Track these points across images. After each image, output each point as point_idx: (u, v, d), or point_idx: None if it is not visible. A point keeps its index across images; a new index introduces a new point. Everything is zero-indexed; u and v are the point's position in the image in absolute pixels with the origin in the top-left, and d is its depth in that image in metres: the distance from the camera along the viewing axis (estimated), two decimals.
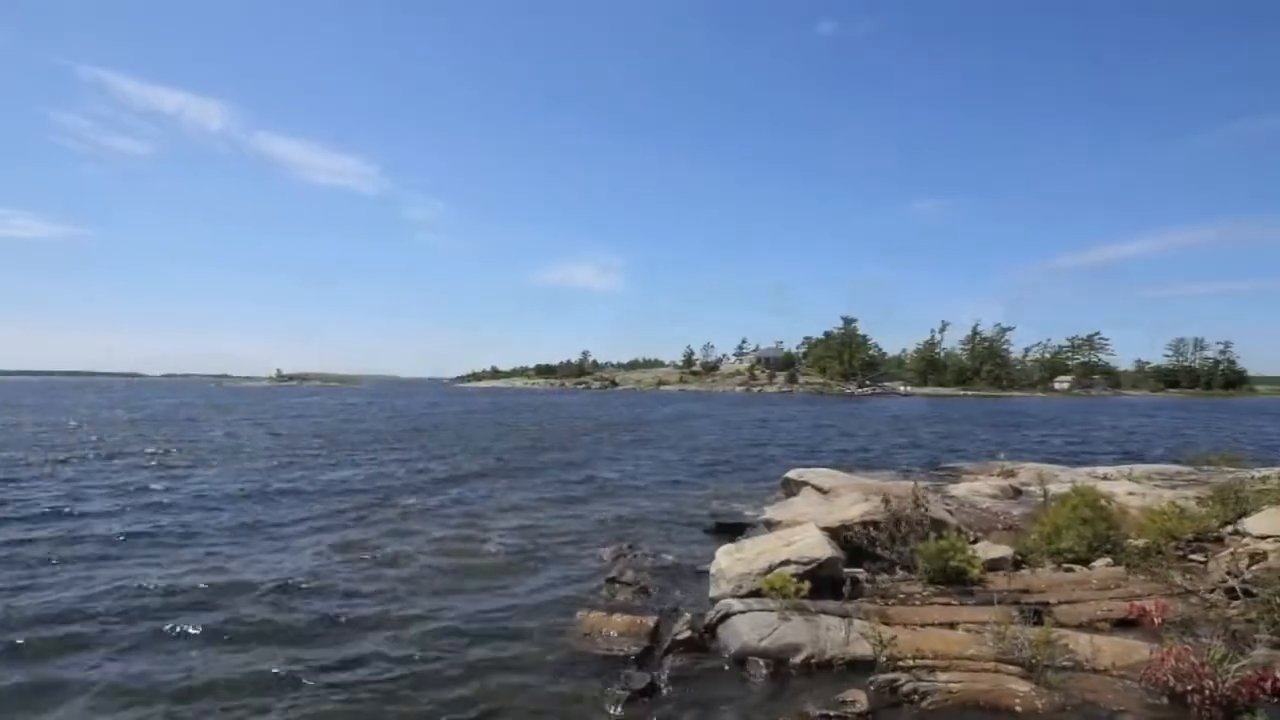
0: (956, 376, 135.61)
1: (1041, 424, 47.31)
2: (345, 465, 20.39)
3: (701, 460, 23.58)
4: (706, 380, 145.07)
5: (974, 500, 13.18)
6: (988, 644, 6.23)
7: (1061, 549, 9.24)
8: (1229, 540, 10.03)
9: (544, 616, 7.72)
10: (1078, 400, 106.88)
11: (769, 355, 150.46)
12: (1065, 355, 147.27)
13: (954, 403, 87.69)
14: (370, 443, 27.56)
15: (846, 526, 8.81)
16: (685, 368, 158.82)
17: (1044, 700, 5.39)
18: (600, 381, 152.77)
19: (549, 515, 13.35)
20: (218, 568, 9.48)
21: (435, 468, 20.06)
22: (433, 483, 17.18)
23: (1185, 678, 5.17)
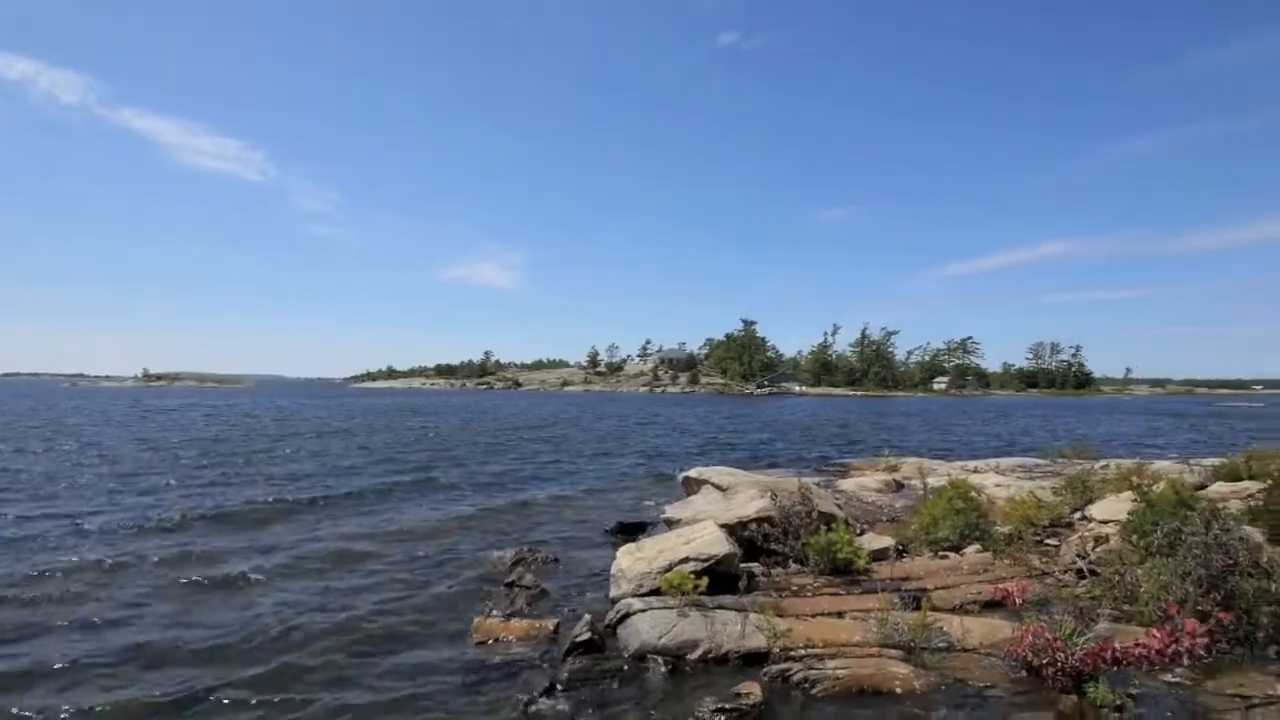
0: (847, 377, 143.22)
1: (922, 421, 50.70)
2: (203, 480, 18.91)
3: (606, 461, 23.62)
4: (611, 380, 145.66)
5: (861, 495, 13.94)
6: (872, 630, 6.58)
7: (938, 538, 9.92)
8: (1078, 525, 11.12)
9: (438, 626, 7.45)
10: (953, 399, 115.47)
11: (672, 356, 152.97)
12: (943, 358, 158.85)
13: (844, 402, 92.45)
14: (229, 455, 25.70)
15: (744, 523, 9.06)
16: (590, 368, 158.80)
17: (921, 680, 5.75)
18: (503, 382, 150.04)
19: (445, 522, 12.93)
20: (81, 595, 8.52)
21: (314, 475, 18.97)
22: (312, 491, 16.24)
23: (1041, 652, 5.66)
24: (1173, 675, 5.76)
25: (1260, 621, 6.38)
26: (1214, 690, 5.51)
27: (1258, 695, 5.38)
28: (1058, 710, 5.26)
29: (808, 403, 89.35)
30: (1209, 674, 5.79)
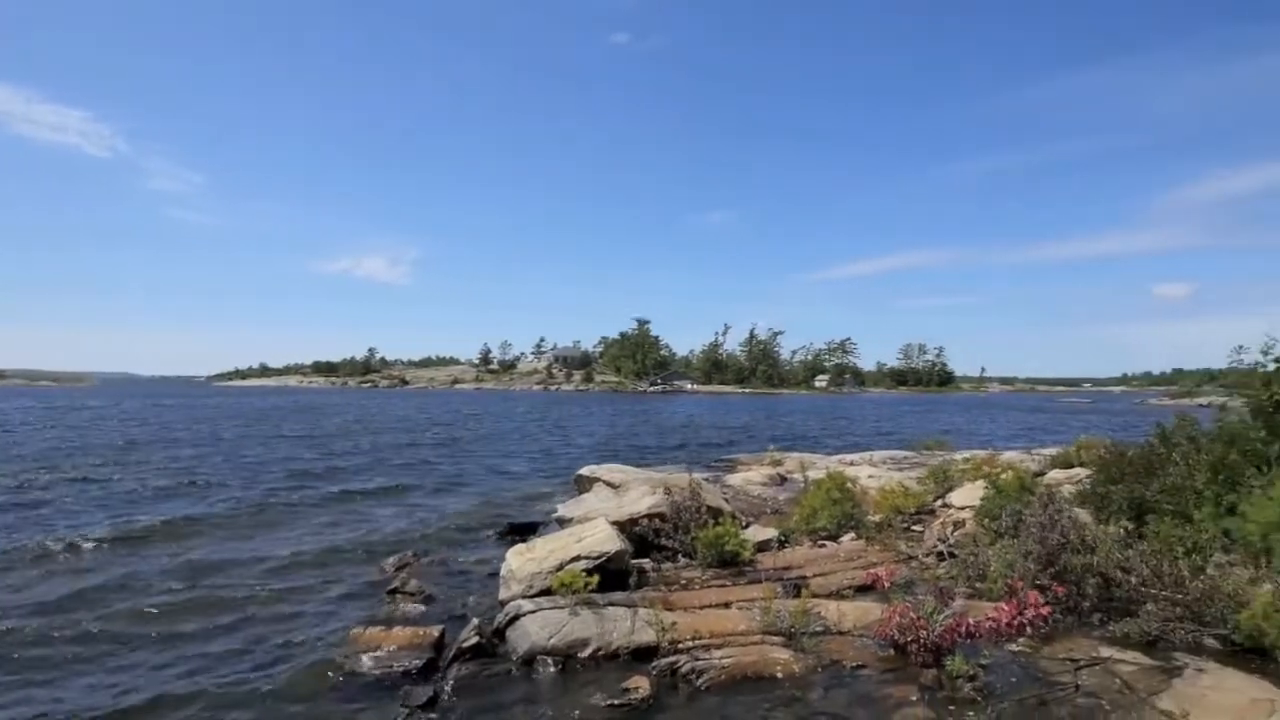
0: (736, 375, 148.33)
1: (805, 417, 53.39)
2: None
3: (497, 461, 23.15)
4: (504, 379, 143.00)
5: (747, 489, 14.48)
6: (756, 619, 6.84)
7: (817, 528, 10.47)
8: (940, 512, 12.08)
9: (312, 640, 7.02)
10: (833, 396, 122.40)
11: (566, 354, 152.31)
12: (824, 357, 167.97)
13: (733, 399, 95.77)
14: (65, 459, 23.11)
15: (635, 520, 9.16)
16: (482, 366, 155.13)
17: (800, 664, 6.04)
18: (389, 380, 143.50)
19: (323, 529, 12.21)
20: None
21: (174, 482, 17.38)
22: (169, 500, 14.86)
23: (906, 630, 6.09)
24: (1017, 644, 6.37)
25: (1087, 592, 7.18)
26: (1050, 655, 6.15)
27: (1084, 657, 6.06)
28: (920, 684, 5.68)
29: (699, 400, 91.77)
30: (1046, 641, 6.46)
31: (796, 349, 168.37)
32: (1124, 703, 5.25)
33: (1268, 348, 9.61)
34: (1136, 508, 8.99)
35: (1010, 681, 5.68)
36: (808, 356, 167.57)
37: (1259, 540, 7.43)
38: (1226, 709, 4.98)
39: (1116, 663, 5.92)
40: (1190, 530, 7.97)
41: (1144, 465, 9.66)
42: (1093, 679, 5.66)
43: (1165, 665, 5.87)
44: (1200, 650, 6.18)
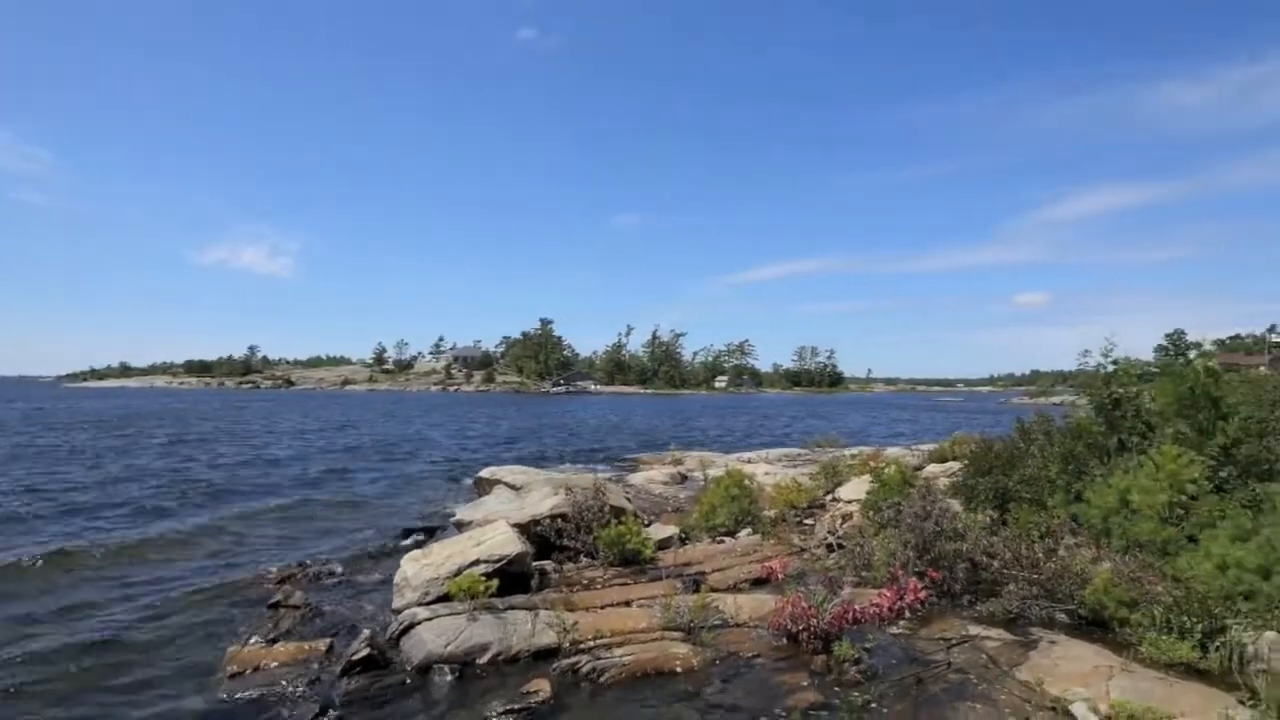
0: (639, 376, 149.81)
1: (706, 417, 54.65)
2: None
3: (391, 464, 22.21)
4: (400, 379, 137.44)
5: (649, 487, 14.65)
6: (657, 616, 6.93)
7: (716, 524, 10.75)
8: (830, 506, 12.71)
9: (183, 662, 6.46)
10: (732, 396, 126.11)
11: (467, 354, 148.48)
12: (723, 359, 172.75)
13: (636, 400, 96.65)
14: None
15: (536, 521, 9.06)
16: (376, 365, 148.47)
17: (699, 658, 6.17)
18: (273, 380, 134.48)
19: (196, 537, 11.27)
20: None
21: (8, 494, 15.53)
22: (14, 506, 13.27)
23: (798, 620, 6.37)
24: (898, 627, 6.82)
25: (958, 576, 7.77)
26: (926, 636, 6.62)
27: (956, 636, 6.56)
28: (810, 669, 5.95)
29: (602, 400, 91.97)
30: (924, 623, 6.94)
31: (698, 350, 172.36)
32: (989, 675, 5.72)
33: (1107, 351, 10.78)
34: (1000, 497, 9.81)
35: (891, 662, 6.06)
36: (708, 358, 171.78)
37: (1100, 523, 8.31)
38: (1073, 676, 5.53)
39: (983, 640, 6.45)
40: (1045, 516, 8.80)
41: (1007, 458, 10.57)
42: (963, 655, 6.13)
43: (1024, 640, 6.45)
44: (1053, 624, 6.84)
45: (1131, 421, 9.76)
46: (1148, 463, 8.33)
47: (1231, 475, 8.06)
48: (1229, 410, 8.81)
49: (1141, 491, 8.04)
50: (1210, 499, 7.69)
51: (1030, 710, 5.09)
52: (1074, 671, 5.61)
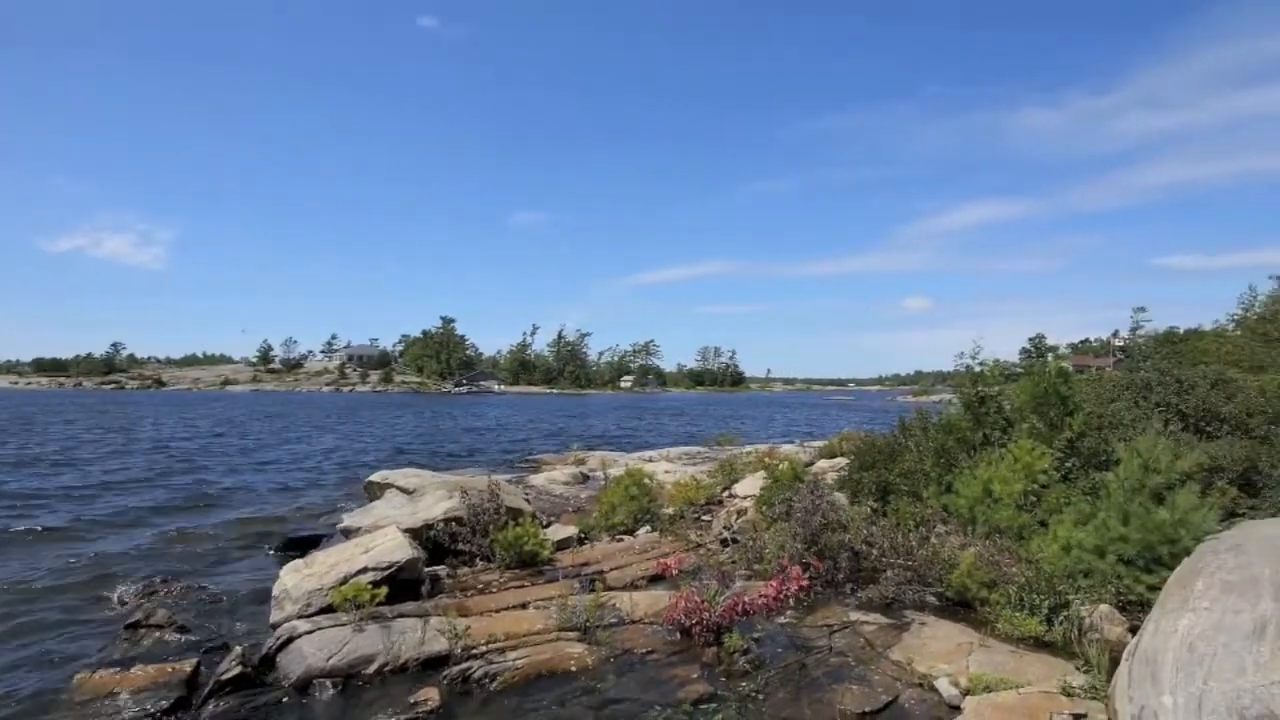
0: (544, 376, 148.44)
1: (611, 417, 54.86)
2: None
3: (275, 469, 20.87)
4: (288, 379, 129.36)
5: (550, 488, 14.55)
6: (553, 617, 6.89)
7: (615, 523, 10.82)
8: (726, 502, 13.07)
9: (26, 699, 5.80)
10: (637, 395, 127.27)
11: (362, 353, 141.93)
12: (629, 359, 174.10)
13: (541, 400, 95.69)
14: None
15: (430, 525, 8.78)
16: (261, 365, 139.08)
17: (594, 656, 6.19)
18: (140, 380, 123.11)
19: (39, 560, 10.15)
20: None
21: None
22: None
23: (691, 614, 6.52)
24: (785, 617, 7.10)
25: (842, 565, 8.20)
26: (811, 624, 6.94)
27: (837, 622, 6.92)
28: (701, 662, 6.11)
29: (506, 401, 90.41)
30: (810, 611, 7.27)
31: (603, 350, 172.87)
32: (866, 657, 6.08)
33: (975, 353, 11.72)
34: (882, 490, 10.44)
35: (777, 651, 6.31)
36: (614, 358, 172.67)
37: (967, 512, 9.00)
38: (939, 653, 5.97)
39: (862, 624, 6.84)
40: (920, 507, 9.44)
41: (888, 453, 11.26)
42: (843, 640, 6.48)
43: (898, 622, 6.89)
44: (924, 607, 7.34)
45: (994, 418, 10.62)
46: (1007, 455, 9.10)
47: (1075, 465, 8.93)
48: (1075, 407, 9.77)
49: (1002, 482, 8.78)
50: (1058, 487, 8.51)
51: (900, 688, 5.45)
52: (940, 649, 6.06)
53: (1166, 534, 6.75)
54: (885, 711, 5.14)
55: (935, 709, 5.12)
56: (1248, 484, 8.51)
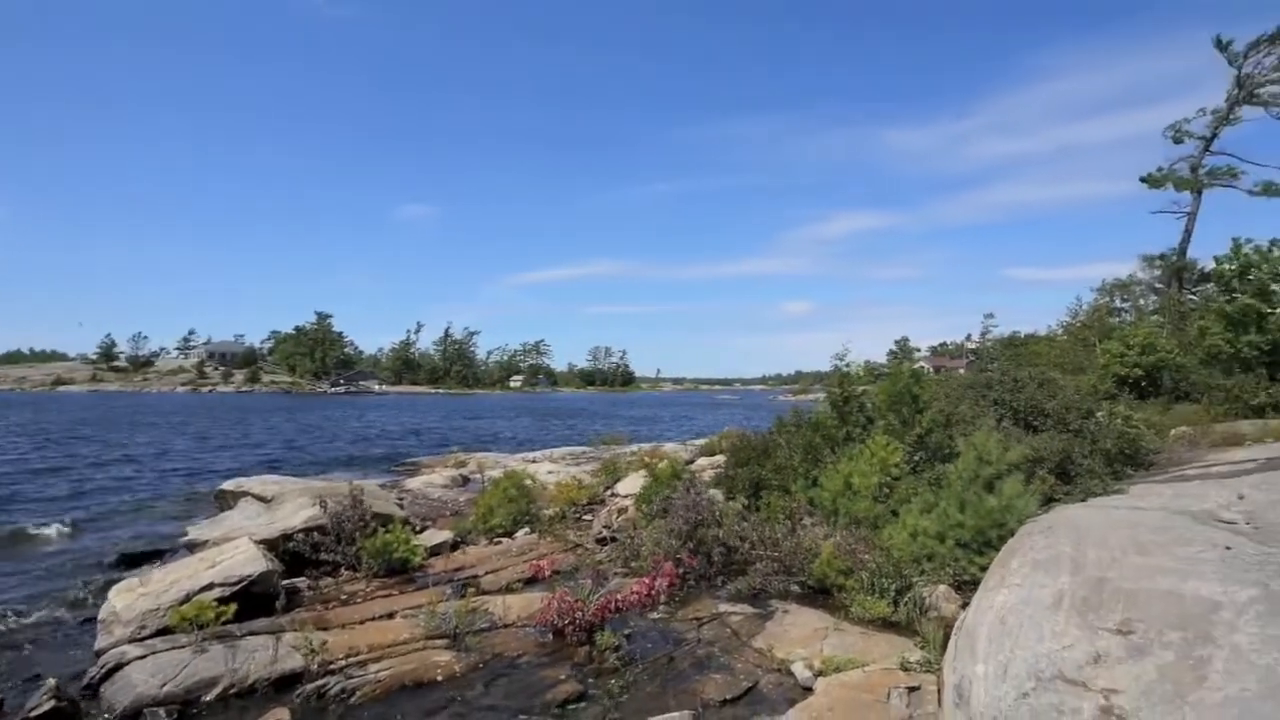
0: (430, 375, 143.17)
1: (498, 417, 53.74)
2: None
3: (111, 479, 18.79)
4: (135, 379, 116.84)
5: (427, 491, 14.05)
6: (421, 625, 6.66)
7: (493, 526, 10.61)
8: (609, 501, 13.17)
9: None
10: (527, 395, 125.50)
11: (225, 350, 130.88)
12: (519, 358, 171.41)
13: (426, 400, 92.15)
14: None
15: (288, 535, 8.23)
16: (103, 362, 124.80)
17: (462, 663, 6.04)
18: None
19: None
20: None
21: None
22: None
23: (564, 614, 6.51)
24: (658, 612, 7.25)
25: (715, 559, 8.48)
26: (682, 618, 7.12)
27: (707, 614, 7.15)
28: (573, 662, 6.11)
29: (388, 401, 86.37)
30: (683, 605, 7.46)
31: (492, 349, 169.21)
32: (731, 647, 6.32)
33: (842, 355, 12.48)
34: (755, 485, 10.89)
35: (648, 646, 6.43)
36: (503, 357, 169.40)
37: (831, 504, 9.57)
38: (798, 639, 6.31)
39: (730, 615, 7.10)
40: (789, 500, 9.93)
41: (761, 450, 11.76)
42: (711, 632, 6.70)
43: (764, 612, 7.21)
44: (788, 596, 7.73)
45: (857, 416, 11.37)
46: (866, 450, 9.76)
47: (923, 459, 9.73)
48: (924, 405, 10.64)
49: (860, 475, 9.40)
50: (908, 479, 9.22)
51: (760, 674, 5.71)
52: (799, 635, 6.40)
53: (995, 519, 7.49)
54: (745, 697, 5.37)
55: (790, 691, 5.41)
56: (1063, 473, 9.59)
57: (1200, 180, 29.34)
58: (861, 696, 4.91)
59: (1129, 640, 3.64)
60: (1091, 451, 10.13)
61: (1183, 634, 3.54)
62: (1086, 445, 10.31)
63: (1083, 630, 3.88)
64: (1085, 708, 3.17)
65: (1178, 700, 2.98)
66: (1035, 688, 3.47)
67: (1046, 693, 3.39)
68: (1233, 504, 6.69)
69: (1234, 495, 7.01)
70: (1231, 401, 15.91)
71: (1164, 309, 28.29)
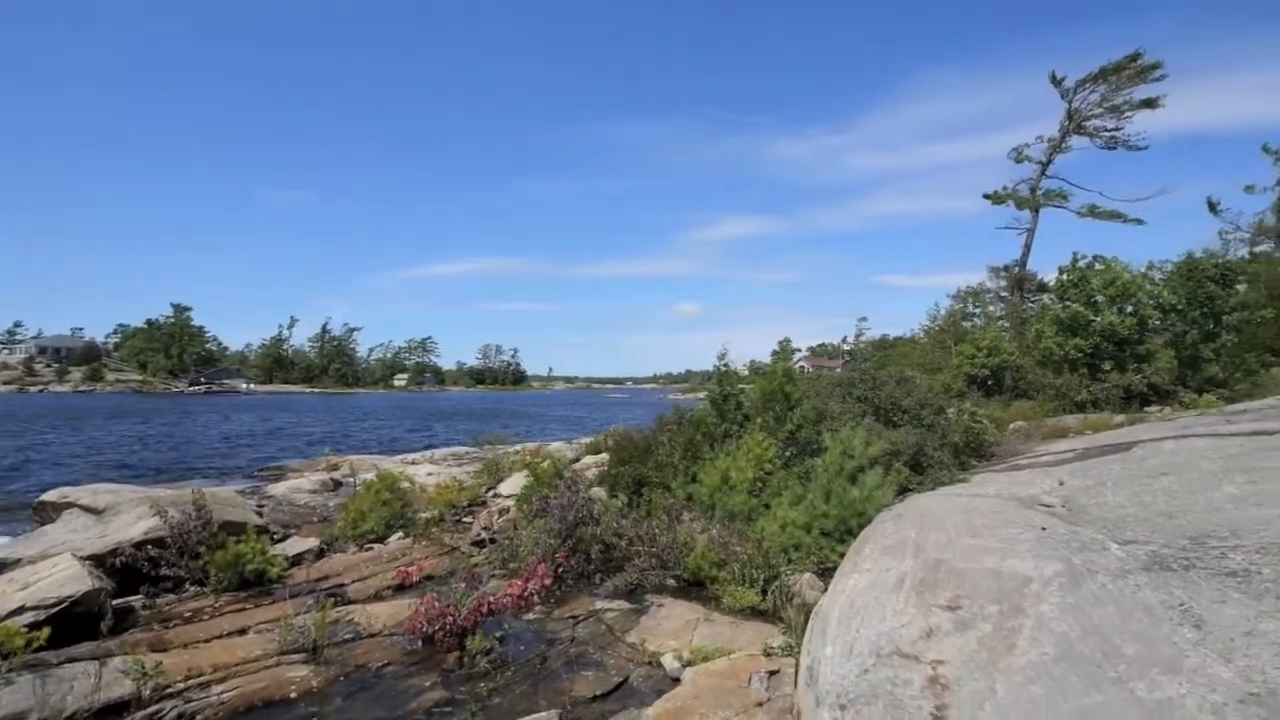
0: (305, 374, 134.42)
1: (379, 417, 51.27)
2: None
3: None
4: None
5: (293, 497, 13.17)
6: (275, 640, 6.21)
7: (364, 531, 10.09)
8: (490, 502, 12.89)
9: None
10: (412, 395, 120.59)
11: (59, 345, 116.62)
12: (404, 356, 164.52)
13: (300, 400, 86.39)
14: None
15: (119, 550, 7.41)
16: None
17: (321, 678, 5.69)
18: None
19: None
20: None
21: None
22: None
23: (435, 620, 6.28)
24: (534, 613, 7.16)
25: (593, 557, 8.50)
26: (558, 617, 7.08)
27: (583, 612, 7.15)
28: (443, 668, 5.92)
29: (255, 401, 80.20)
30: (558, 604, 7.42)
31: (375, 346, 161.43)
32: (605, 643, 6.35)
33: (722, 355, 12.87)
34: (637, 483, 11.02)
35: (521, 647, 6.34)
36: (387, 354, 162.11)
37: (709, 499, 9.84)
38: (670, 631, 6.44)
39: (606, 612, 7.13)
40: (669, 497, 10.13)
41: (644, 448, 11.91)
42: (586, 629, 6.71)
43: (639, 607, 7.30)
44: (664, 590, 7.87)
45: (734, 413, 11.77)
46: (742, 447, 10.12)
47: (794, 454, 10.22)
48: (796, 403, 11.18)
49: (737, 470, 9.73)
50: (780, 474, 9.65)
51: (632, 668, 5.78)
52: (671, 628, 6.54)
53: (856, 509, 7.99)
54: (616, 692, 5.41)
55: (660, 683, 5.50)
56: (917, 464, 10.40)
57: (1037, 200, 32.80)
58: (726, 683, 5.08)
59: (956, 615, 3.98)
60: (942, 445, 11.05)
61: (999, 607, 3.92)
62: (938, 439, 11.23)
63: (919, 608, 4.20)
64: (916, 679, 3.43)
65: (990, 667, 3.28)
66: (875, 663, 3.71)
67: (884, 667, 3.64)
68: (1054, 490, 7.50)
69: (1055, 482, 7.85)
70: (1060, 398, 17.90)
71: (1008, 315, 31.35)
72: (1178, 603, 3.43)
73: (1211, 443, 8.23)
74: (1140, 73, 29.54)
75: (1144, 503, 5.86)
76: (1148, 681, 2.79)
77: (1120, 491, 6.51)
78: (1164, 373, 17.37)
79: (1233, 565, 3.81)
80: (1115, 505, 5.99)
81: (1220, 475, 6.29)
